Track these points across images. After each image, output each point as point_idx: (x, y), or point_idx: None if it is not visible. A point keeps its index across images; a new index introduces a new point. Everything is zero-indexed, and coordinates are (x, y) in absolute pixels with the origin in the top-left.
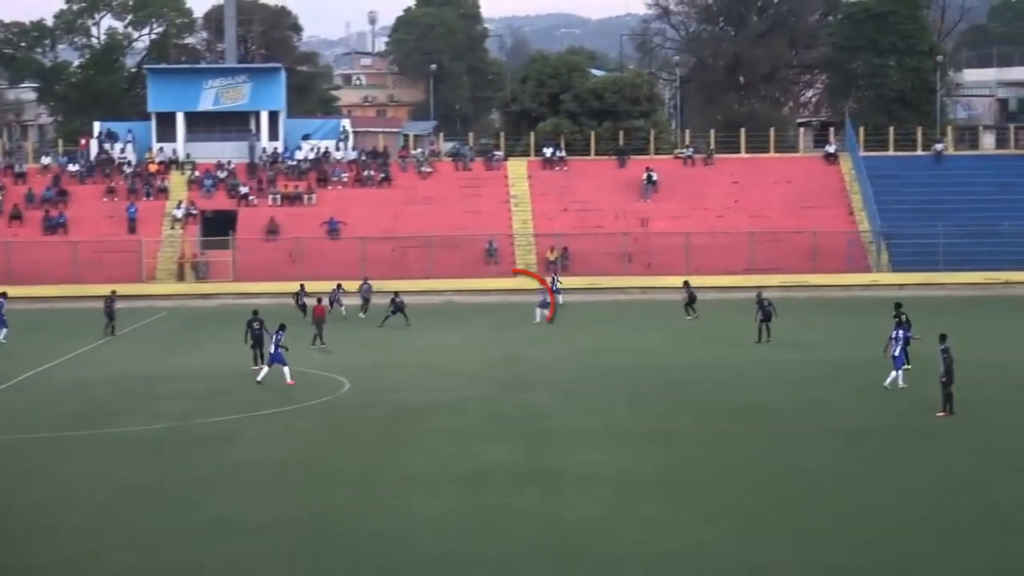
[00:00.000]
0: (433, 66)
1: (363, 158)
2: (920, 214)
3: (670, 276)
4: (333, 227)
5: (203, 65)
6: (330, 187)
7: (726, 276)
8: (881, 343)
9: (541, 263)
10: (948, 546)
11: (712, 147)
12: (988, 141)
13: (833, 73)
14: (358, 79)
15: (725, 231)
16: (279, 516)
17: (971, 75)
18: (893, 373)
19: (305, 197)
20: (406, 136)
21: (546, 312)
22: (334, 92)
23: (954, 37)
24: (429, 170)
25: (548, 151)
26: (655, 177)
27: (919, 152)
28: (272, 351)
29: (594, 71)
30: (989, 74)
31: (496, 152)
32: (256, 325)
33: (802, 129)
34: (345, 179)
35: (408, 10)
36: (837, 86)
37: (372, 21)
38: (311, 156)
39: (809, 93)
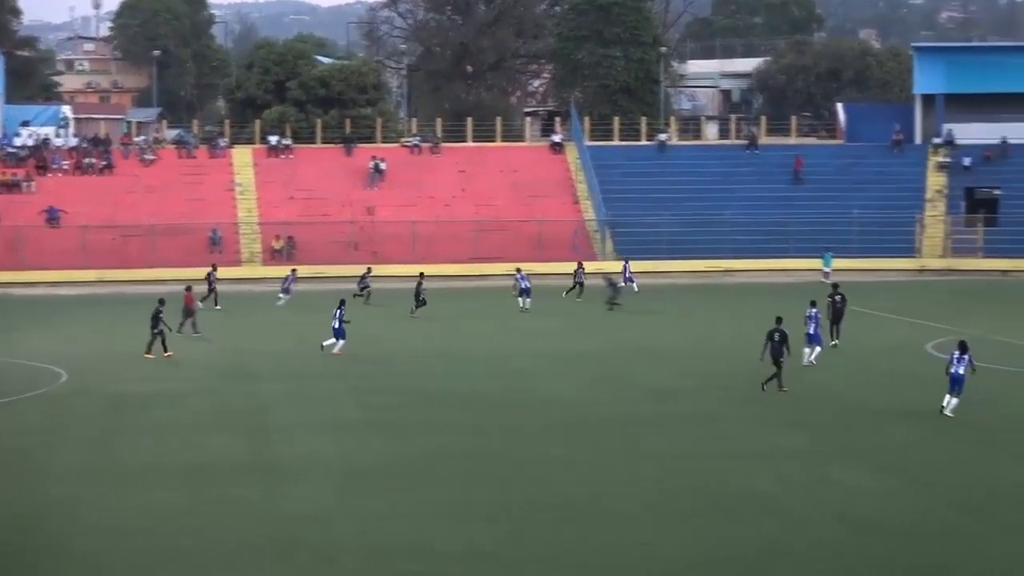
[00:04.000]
0: (157, 52)
1: (84, 145)
2: (644, 203)
3: (397, 265)
4: (53, 215)
5: None
6: (50, 175)
7: (452, 264)
8: (608, 333)
9: (266, 252)
10: (667, 534)
11: (439, 136)
12: (711, 132)
13: (559, 63)
14: (81, 64)
15: (452, 220)
16: None
17: (695, 66)
18: (811, 350)
19: (24, 185)
20: (129, 123)
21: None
22: (56, 78)
23: (679, 29)
24: (152, 157)
25: (273, 139)
26: (382, 166)
27: (644, 142)
28: (336, 326)
29: (322, 59)
30: (712, 66)
31: (221, 140)
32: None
33: (529, 119)
34: (65, 166)
35: None
36: (563, 76)
37: (96, 6)
38: (30, 143)
39: (536, 83)
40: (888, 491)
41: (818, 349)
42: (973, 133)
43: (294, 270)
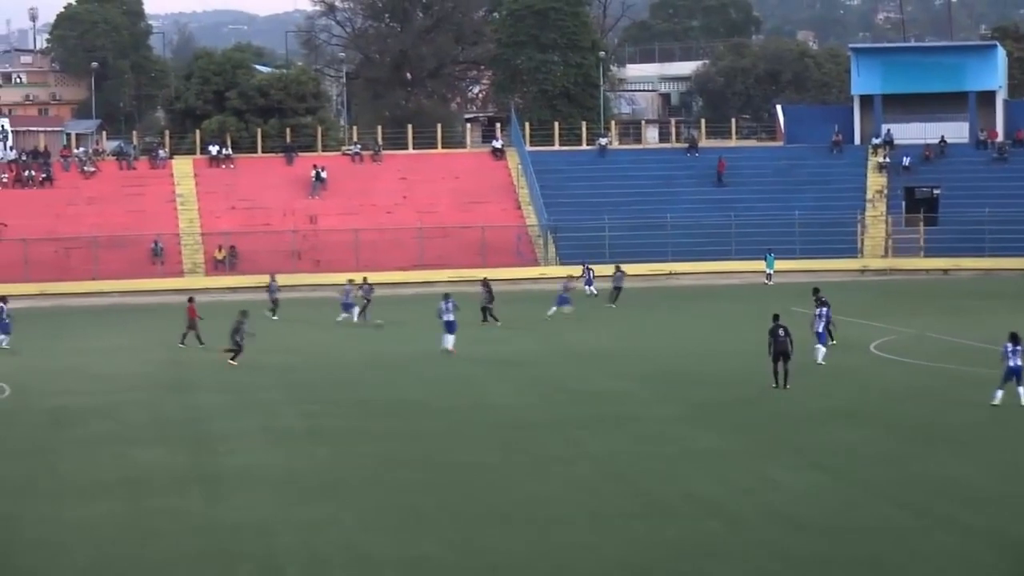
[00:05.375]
0: (95, 64)
1: (24, 158)
2: (586, 208)
3: (339, 273)
4: None
5: None
6: None
7: (396, 272)
8: (548, 337)
9: (209, 262)
10: (609, 537)
11: (380, 143)
12: (651, 135)
13: (498, 69)
14: (18, 77)
15: (394, 227)
16: None
17: (634, 70)
18: (821, 349)
19: None
20: (68, 135)
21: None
22: None
23: (617, 33)
24: (92, 169)
25: (214, 149)
26: (323, 174)
27: (584, 146)
28: (450, 319)
29: (261, 68)
30: (651, 69)
31: (161, 150)
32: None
33: (469, 125)
34: (5, 180)
35: (69, 6)
36: (503, 82)
37: (33, 18)
38: None
39: (476, 89)
40: (829, 490)
41: (824, 349)
42: (911, 133)
43: (350, 280)
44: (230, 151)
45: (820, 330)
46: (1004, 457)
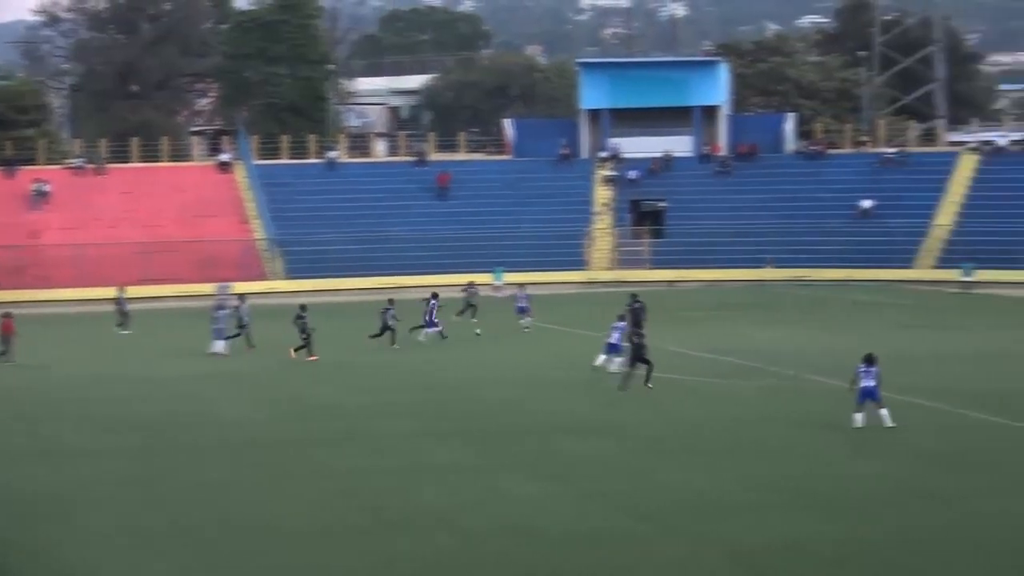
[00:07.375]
0: None
1: None
2: (314, 221)
3: (64, 289)
4: None
5: None
6: None
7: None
8: (279, 352)
9: None
10: (340, 552)
11: (104, 157)
12: (380, 148)
13: (225, 82)
14: None
15: (118, 242)
16: None
17: (364, 83)
18: (603, 356)
19: None
20: None
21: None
22: None
23: (347, 47)
24: None
25: None
26: (46, 188)
27: (312, 160)
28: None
29: None
30: (381, 83)
31: None
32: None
33: (196, 138)
34: None
35: None
36: (229, 95)
37: None
38: None
39: (203, 101)
40: (562, 500)
41: (619, 359)
42: (638, 147)
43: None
44: None
45: (614, 340)
46: (738, 467)
